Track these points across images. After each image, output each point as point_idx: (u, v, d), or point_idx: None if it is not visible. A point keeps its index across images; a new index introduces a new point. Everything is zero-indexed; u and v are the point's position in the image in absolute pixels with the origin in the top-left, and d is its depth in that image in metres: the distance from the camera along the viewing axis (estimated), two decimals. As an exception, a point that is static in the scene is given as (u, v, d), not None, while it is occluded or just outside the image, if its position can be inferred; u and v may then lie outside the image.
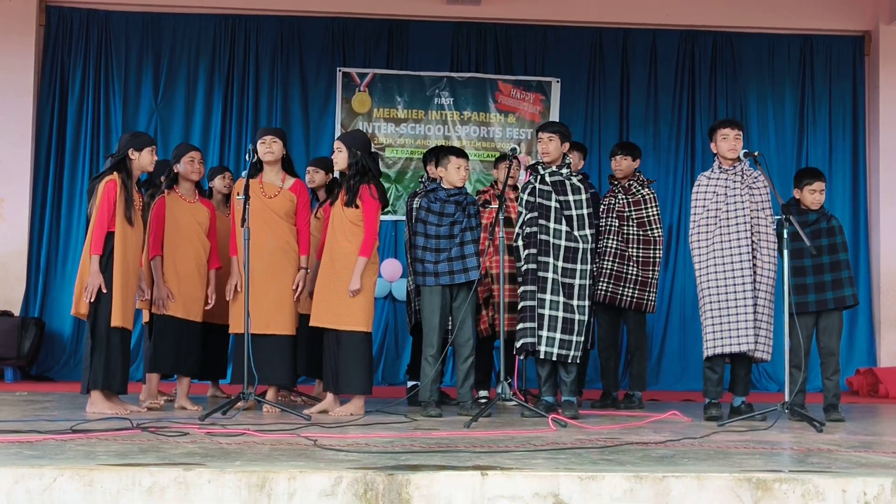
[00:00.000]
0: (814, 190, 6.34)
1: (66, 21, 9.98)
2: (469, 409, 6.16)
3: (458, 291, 6.31)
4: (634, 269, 7.05)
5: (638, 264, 7.06)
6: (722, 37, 10.37)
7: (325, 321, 6.04)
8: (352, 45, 10.15)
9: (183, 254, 6.45)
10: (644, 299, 7.06)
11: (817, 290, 6.25)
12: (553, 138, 6.27)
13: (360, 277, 5.95)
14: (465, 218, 6.34)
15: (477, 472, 3.48)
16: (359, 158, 6.06)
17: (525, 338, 6.08)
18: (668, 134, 10.28)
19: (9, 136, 9.70)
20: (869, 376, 9.19)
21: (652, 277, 7.08)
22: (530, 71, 10.22)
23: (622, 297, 7.03)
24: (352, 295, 5.96)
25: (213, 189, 7.22)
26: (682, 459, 4.04)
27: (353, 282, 5.94)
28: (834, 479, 3.53)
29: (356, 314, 5.98)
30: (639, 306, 7.07)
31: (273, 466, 3.55)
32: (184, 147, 6.75)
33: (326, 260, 6.11)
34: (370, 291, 6.07)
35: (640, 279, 7.04)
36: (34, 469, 3.41)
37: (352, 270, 5.97)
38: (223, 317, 6.68)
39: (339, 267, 6.03)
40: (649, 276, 7.07)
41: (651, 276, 7.08)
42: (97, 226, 5.85)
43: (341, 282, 5.99)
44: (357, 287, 5.94)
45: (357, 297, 5.97)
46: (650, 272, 7.07)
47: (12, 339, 9.03)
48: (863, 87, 10.37)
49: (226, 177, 7.29)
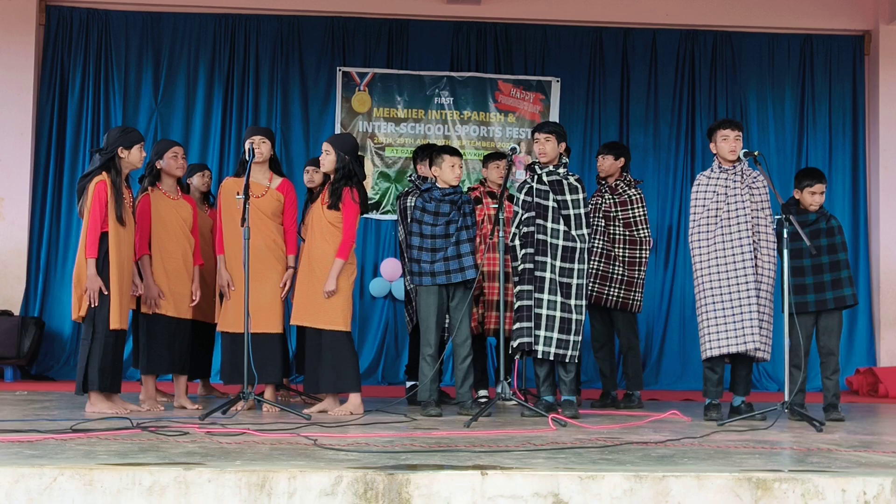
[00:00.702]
0: (813, 192, 6.34)
1: (66, 20, 9.98)
2: (469, 408, 6.17)
3: (454, 291, 6.32)
4: (620, 269, 7.05)
5: (624, 264, 7.07)
6: (722, 36, 10.36)
7: (303, 319, 6.11)
8: (352, 45, 10.14)
9: (170, 251, 6.44)
10: (630, 299, 7.07)
11: (817, 290, 6.25)
12: (549, 138, 6.27)
13: (335, 279, 6.01)
14: (460, 217, 6.34)
15: (477, 472, 3.48)
16: (346, 163, 6.12)
17: (521, 337, 6.08)
18: (669, 133, 10.28)
19: (9, 136, 9.69)
20: (868, 376, 9.20)
21: (638, 277, 7.09)
22: (530, 70, 10.22)
23: (608, 297, 7.04)
24: (327, 296, 6.00)
25: (192, 186, 7.18)
26: (682, 459, 4.04)
27: (328, 283, 6.00)
28: (834, 479, 3.53)
29: (334, 314, 6.03)
30: (625, 306, 7.07)
31: (273, 466, 3.55)
32: (165, 143, 6.71)
33: (305, 260, 6.19)
34: (347, 292, 6.11)
35: (626, 279, 7.05)
36: (34, 468, 3.41)
37: (325, 271, 6.03)
38: (207, 314, 6.68)
39: (316, 267, 6.09)
40: (635, 276, 7.08)
41: (637, 276, 7.09)
42: (90, 228, 5.83)
43: (319, 282, 6.04)
44: (332, 288, 6.00)
45: (334, 297, 6.01)
46: (636, 272, 7.08)
47: (12, 339, 9.03)
48: (863, 86, 10.37)
49: (205, 175, 7.28)
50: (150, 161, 6.58)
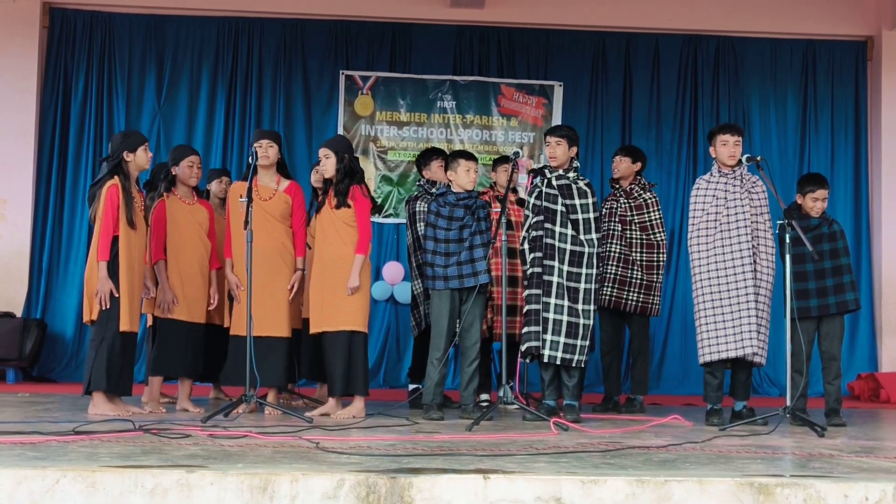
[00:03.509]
0: (816, 198, 6.33)
1: (70, 23, 9.99)
2: (471, 412, 6.16)
3: (467, 295, 6.31)
4: (639, 273, 7.05)
5: (642, 268, 7.07)
6: (724, 41, 10.37)
7: (323, 325, 6.09)
8: (354, 48, 10.16)
9: (186, 256, 6.46)
10: (649, 303, 7.07)
11: (819, 295, 6.25)
12: (561, 142, 6.27)
13: (358, 275, 6.00)
14: (474, 222, 6.33)
15: (479, 476, 3.48)
16: (346, 162, 6.15)
17: (530, 341, 6.08)
18: (671, 138, 10.29)
19: (12, 138, 9.71)
20: (870, 381, 9.19)
21: (656, 281, 7.09)
22: (533, 75, 10.23)
23: (627, 301, 7.03)
24: (350, 293, 5.99)
25: (210, 192, 7.21)
26: (684, 463, 4.04)
27: (352, 279, 5.99)
28: (836, 484, 3.53)
29: (353, 314, 6.03)
30: (644, 310, 7.07)
31: (275, 469, 3.55)
32: (182, 150, 6.71)
33: (317, 265, 6.17)
34: (366, 291, 6.11)
35: (644, 283, 7.05)
36: (37, 470, 3.41)
37: (344, 272, 6.03)
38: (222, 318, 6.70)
39: (329, 270, 6.08)
40: (654, 279, 7.08)
41: (655, 280, 7.09)
42: (102, 232, 5.85)
43: (334, 284, 6.03)
44: (356, 284, 5.99)
45: (354, 296, 6.00)
46: (654, 276, 7.08)
47: (14, 341, 9.03)
48: (865, 91, 10.37)
49: (223, 181, 7.32)
50: (167, 166, 6.61)
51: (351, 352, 6.02)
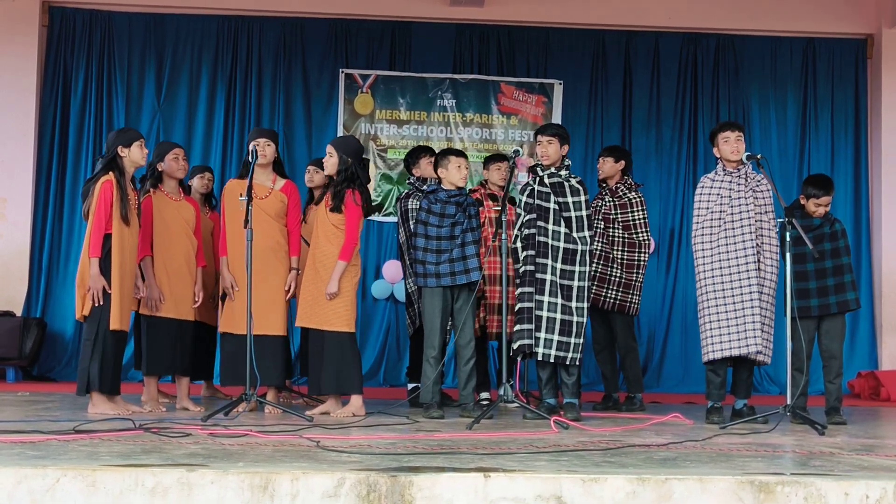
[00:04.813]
0: (819, 203, 6.31)
1: (69, 21, 9.99)
2: (471, 410, 6.16)
3: (459, 293, 6.32)
4: (618, 272, 7.06)
5: (622, 266, 7.07)
6: (724, 39, 10.37)
7: (308, 321, 6.12)
8: (354, 47, 10.15)
9: (173, 253, 6.44)
10: (627, 302, 7.07)
11: (820, 295, 6.25)
12: (552, 141, 6.28)
13: (337, 281, 6.02)
14: (465, 219, 6.34)
15: (479, 474, 3.48)
16: (348, 165, 6.14)
17: (522, 339, 6.08)
18: (671, 137, 10.28)
19: (11, 137, 9.70)
20: (870, 379, 9.19)
21: (636, 280, 7.09)
22: (533, 73, 10.22)
23: (606, 298, 7.04)
24: (329, 298, 6.01)
25: (192, 188, 7.19)
26: (685, 462, 4.04)
27: (330, 285, 6.02)
28: (836, 482, 3.53)
29: (337, 315, 6.04)
30: (622, 308, 7.07)
31: (276, 467, 3.55)
32: (166, 144, 6.70)
33: (310, 262, 6.20)
34: (350, 294, 6.12)
35: (623, 281, 7.05)
36: (37, 469, 3.41)
37: (330, 272, 6.04)
38: (209, 316, 6.68)
39: (321, 269, 6.10)
40: (633, 278, 7.08)
41: (635, 279, 7.09)
42: (95, 228, 5.84)
43: (324, 284, 6.05)
44: (334, 290, 6.01)
45: (337, 299, 6.02)
46: (634, 275, 7.09)
47: (14, 340, 9.03)
48: (865, 90, 10.37)
49: (205, 177, 7.30)
50: (151, 163, 6.57)
51: (339, 351, 6.04)
